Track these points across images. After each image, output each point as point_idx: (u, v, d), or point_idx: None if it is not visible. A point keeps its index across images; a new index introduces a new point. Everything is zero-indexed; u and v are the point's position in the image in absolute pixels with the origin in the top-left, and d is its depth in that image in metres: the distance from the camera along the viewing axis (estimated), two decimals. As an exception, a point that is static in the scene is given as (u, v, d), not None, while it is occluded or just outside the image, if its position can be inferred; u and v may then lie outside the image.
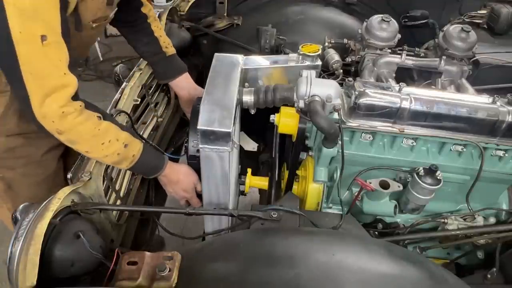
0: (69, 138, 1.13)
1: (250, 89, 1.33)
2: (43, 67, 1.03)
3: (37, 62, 1.01)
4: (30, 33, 0.98)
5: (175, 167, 1.42)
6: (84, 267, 0.99)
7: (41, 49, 1.00)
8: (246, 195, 1.75)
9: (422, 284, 0.86)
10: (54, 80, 1.05)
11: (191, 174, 1.45)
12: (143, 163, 1.29)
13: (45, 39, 0.99)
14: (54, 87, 1.05)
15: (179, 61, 1.72)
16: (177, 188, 1.45)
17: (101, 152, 1.18)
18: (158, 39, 1.62)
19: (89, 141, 1.16)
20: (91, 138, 1.15)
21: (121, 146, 1.21)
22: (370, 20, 1.68)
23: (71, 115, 1.09)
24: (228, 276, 0.84)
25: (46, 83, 1.04)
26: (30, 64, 1.00)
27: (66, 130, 1.11)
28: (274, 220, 1.12)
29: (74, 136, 1.14)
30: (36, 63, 1.01)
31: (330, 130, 1.16)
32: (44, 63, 1.03)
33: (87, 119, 1.14)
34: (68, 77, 1.08)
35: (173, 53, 1.68)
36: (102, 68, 4.58)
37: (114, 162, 1.22)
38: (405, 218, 1.44)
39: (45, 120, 1.08)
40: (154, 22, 1.62)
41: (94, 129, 1.15)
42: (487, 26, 2.00)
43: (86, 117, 1.14)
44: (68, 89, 1.08)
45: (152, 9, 1.62)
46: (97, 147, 1.17)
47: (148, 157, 1.32)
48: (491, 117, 1.21)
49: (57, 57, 1.05)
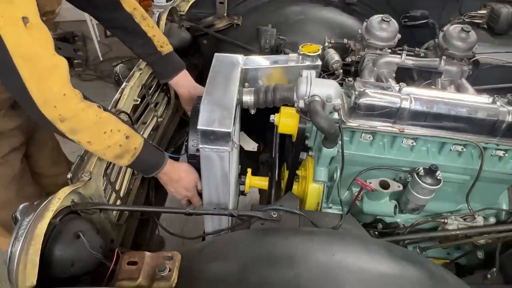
0: (71, 126, 1.10)
1: (250, 89, 1.33)
2: (32, 49, 1.01)
3: (25, 44, 1.00)
4: (11, 16, 0.97)
5: (175, 165, 1.41)
6: (84, 267, 0.99)
7: (25, 31, 0.98)
8: (246, 195, 1.75)
9: (422, 284, 0.86)
10: (46, 61, 1.03)
11: (192, 172, 1.44)
12: (144, 158, 1.27)
13: (27, 21, 0.98)
14: (48, 68, 1.03)
15: (177, 59, 1.69)
16: (178, 187, 1.44)
17: (103, 143, 1.15)
18: (151, 39, 1.58)
19: (90, 129, 1.13)
20: (93, 125, 1.13)
21: (122, 137, 1.18)
22: (370, 20, 1.68)
23: (72, 99, 1.08)
24: (228, 276, 0.84)
25: (39, 64, 1.02)
26: (18, 48, 0.99)
27: (68, 117, 1.08)
28: (274, 220, 1.12)
29: (76, 123, 1.10)
30: (24, 46, 1.00)
31: (330, 130, 1.16)
32: (32, 44, 1.01)
33: (89, 106, 1.12)
34: (58, 57, 1.06)
35: (169, 52, 1.65)
36: (102, 68, 4.58)
37: (116, 155, 1.19)
38: (405, 218, 1.44)
39: (46, 107, 1.05)
40: (143, 22, 1.56)
41: (96, 116, 1.13)
42: (487, 26, 1.99)
43: (88, 104, 1.12)
44: (62, 70, 1.06)
45: (138, 7, 1.55)
46: (99, 137, 1.14)
47: (149, 152, 1.29)
48: (491, 117, 1.21)
49: (43, 38, 1.03)
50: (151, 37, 1.59)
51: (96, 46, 4.69)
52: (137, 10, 1.55)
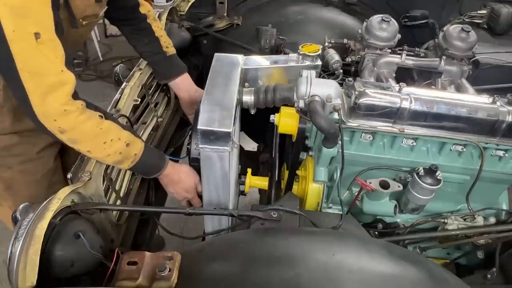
0: (71, 137, 1.12)
1: (250, 89, 1.33)
2: (39, 64, 1.02)
3: (33, 60, 1.01)
4: (23, 31, 0.97)
5: (176, 167, 1.42)
6: (84, 267, 0.98)
7: (36, 47, 0.99)
8: (246, 195, 1.75)
9: (422, 284, 0.86)
10: (52, 77, 1.05)
11: (192, 174, 1.45)
12: (145, 162, 1.28)
13: (39, 36, 0.99)
14: (53, 85, 1.05)
15: (179, 62, 1.72)
16: (178, 188, 1.44)
17: (103, 152, 1.17)
18: (159, 39, 1.62)
19: (91, 140, 1.15)
20: (93, 137, 1.15)
21: (123, 145, 1.20)
22: (370, 20, 1.68)
23: (73, 113, 1.09)
24: (228, 276, 0.84)
25: (44, 80, 1.03)
26: (26, 62, 1.00)
27: (68, 129, 1.10)
28: (274, 220, 1.12)
29: (76, 135, 1.12)
30: (32, 61, 1.01)
31: (330, 130, 1.16)
32: (40, 60, 1.02)
33: (89, 117, 1.13)
34: (66, 74, 1.07)
35: (173, 53, 1.68)
36: (102, 68, 4.58)
37: (116, 161, 1.21)
38: (405, 218, 1.43)
39: (46, 119, 1.07)
40: (154, 23, 1.62)
41: (96, 127, 1.14)
42: (487, 26, 2.00)
43: (88, 116, 1.13)
44: (67, 86, 1.07)
45: (152, 10, 1.62)
46: (99, 146, 1.16)
47: (149, 156, 1.31)
48: (491, 117, 1.21)
49: (53, 54, 1.04)
50: (158, 37, 1.62)
51: (96, 46, 4.69)
52: (151, 12, 1.61)
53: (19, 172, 1.47)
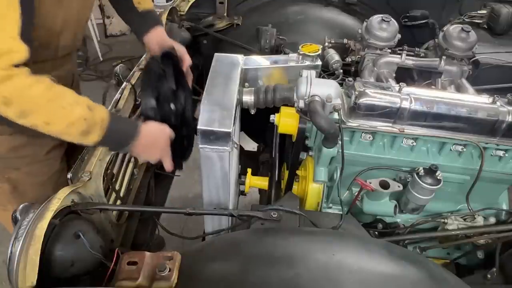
0: (20, 108, 0.96)
1: (250, 89, 1.33)
2: None
3: None
4: None
5: (148, 126, 1.22)
6: (84, 267, 0.98)
7: None
8: (246, 195, 1.75)
9: (422, 284, 0.86)
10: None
11: (164, 128, 1.26)
12: (116, 129, 1.11)
13: None
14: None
15: (153, 16, 1.57)
16: (154, 150, 1.25)
17: (64, 120, 1.00)
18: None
19: (45, 107, 0.99)
20: (47, 103, 0.99)
21: (85, 109, 1.03)
22: (370, 20, 1.69)
23: (17, 76, 0.95)
24: (228, 276, 0.84)
25: None
26: None
27: (13, 97, 0.95)
28: (274, 220, 1.12)
29: (25, 103, 0.96)
30: None
31: (330, 130, 1.16)
32: None
33: (38, 81, 0.98)
34: (16, 43, 0.96)
35: (145, 9, 1.55)
36: (102, 68, 4.57)
37: (83, 131, 1.03)
38: (405, 218, 1.44)
39: None
40: None
41: (48, 91, 0.99)
42: (487, 26, 2.00)
43: (36, 79, 0.98)
44: (13, 55, 0.95)
45: None
46: (57, 113, 1.00)
47: (119, 121, 1.16)
48: (491, 117, 1.21)
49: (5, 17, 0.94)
50: None
51: (96, 46, 4.69)
52: None
53: (26, 174, 1.45)
